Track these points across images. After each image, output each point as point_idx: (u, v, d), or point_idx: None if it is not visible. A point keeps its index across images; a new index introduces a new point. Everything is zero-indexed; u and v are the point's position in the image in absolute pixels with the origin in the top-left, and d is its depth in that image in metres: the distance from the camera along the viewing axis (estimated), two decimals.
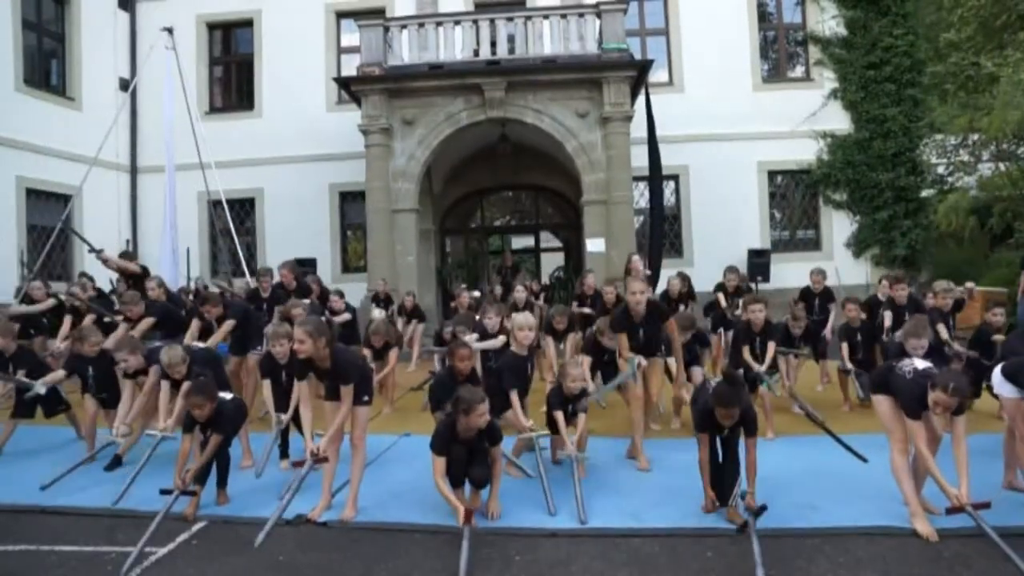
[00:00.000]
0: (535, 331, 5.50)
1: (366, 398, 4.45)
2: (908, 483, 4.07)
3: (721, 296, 9.15)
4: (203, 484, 4.57)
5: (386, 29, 12.46)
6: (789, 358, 7.19)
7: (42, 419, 6.39)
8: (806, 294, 8.55)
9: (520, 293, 9.28)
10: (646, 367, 5.76)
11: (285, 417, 5.37)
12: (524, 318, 5.40)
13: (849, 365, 7.08)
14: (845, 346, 7.14)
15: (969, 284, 9.25)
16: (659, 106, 13.20)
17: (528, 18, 12.36)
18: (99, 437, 5.87)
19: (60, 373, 6.11)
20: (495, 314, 6.81)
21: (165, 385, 5.34)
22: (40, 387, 5.91)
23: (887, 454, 4.18)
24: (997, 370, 4.51)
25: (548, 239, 18.91)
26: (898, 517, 4.06)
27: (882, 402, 4.20)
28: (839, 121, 14.56)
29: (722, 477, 4.24)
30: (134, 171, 15.61)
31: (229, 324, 6.80)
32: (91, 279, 9.43)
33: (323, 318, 6.57)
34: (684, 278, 8.90)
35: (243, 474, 5.30)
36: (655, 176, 13.00)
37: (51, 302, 8.58)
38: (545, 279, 16.00)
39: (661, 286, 9.97)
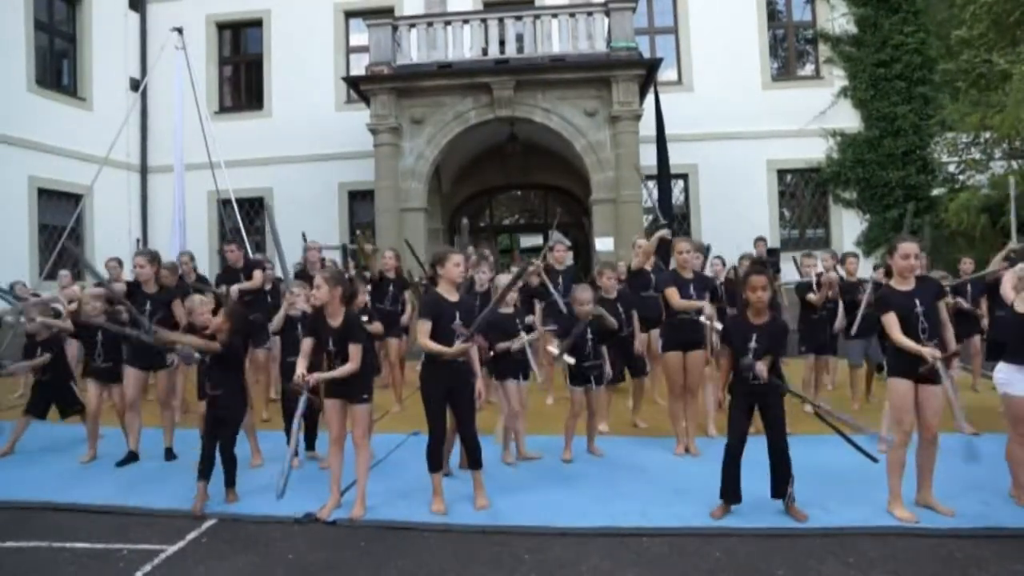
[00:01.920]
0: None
1: (365, 396, 4.45)
2: (898, 476, 4.13)
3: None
4: (208, 479, 4.59)
5: (395, 28, 12.48)
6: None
7: (56, 417, 6.44)
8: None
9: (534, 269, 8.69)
10: (689, 359, 5.65)
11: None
12: (507, 278, 5.48)
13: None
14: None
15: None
16: (668, 105, 13.17)
17: (537, 17, 12.34)
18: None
19: (68, 326, 6.14)
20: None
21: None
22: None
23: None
24: (1000, 367, 4.44)
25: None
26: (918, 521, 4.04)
27: (899, 385, 4.14)
28: (849, 119, 14.48)
29: (772, 469, 4.20)
30: (144, 171, 15.69)
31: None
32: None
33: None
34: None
35: (253, 473, 5.31)
36: (664, 175, 12.97)
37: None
38: None
39: None
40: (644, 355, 6.67)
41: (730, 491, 4.24)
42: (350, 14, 15.57)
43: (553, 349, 5.28)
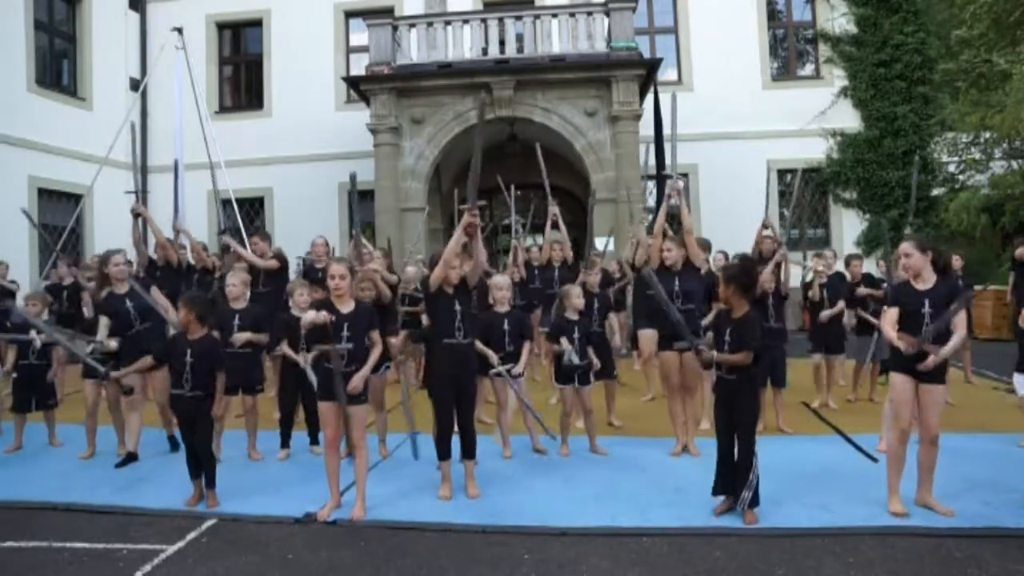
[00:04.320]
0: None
1: (363, 396, 4.45)
2: (896, 471, 4.14)
3: None
4: (199, 477, 4.61)
5: (395, 28, 12.49)
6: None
7: (61, 417, 6.42)
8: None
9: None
10: (685, 357, 5.58)
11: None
12: (502, 279, 5.61)
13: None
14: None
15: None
16: (668, 104, 13.17)
17: (537, 17, 12.35)
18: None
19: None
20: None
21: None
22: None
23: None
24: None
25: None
26: (909, 517, 4.04)
27: (901, 381, 4.14)
28: (849, 119, 14.50)
29: (734, 471, 4.19)
30: (144, 171, 15.67)
31: None
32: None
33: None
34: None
35: (253, 473, 5.32)
36: (663, 175, 12.97)
37: None
38: None
39: None
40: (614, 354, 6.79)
41: (722, 486, 4.25)
42: (350, 14, 15.59)
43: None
